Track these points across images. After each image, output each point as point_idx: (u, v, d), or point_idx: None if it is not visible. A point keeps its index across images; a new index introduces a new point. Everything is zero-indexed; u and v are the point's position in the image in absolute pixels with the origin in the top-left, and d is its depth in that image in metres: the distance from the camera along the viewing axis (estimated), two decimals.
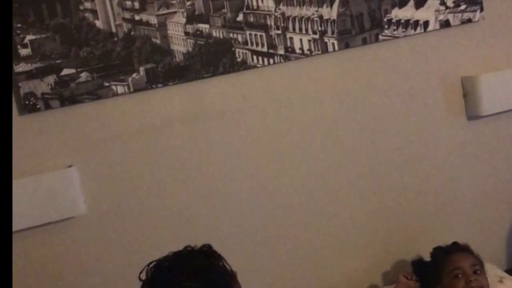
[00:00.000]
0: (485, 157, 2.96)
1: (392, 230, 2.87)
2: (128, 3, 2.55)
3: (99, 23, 2.52)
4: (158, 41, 2.56)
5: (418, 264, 2.71)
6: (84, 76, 2.51)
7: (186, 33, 2.59)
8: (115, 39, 2.53)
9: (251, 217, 2.70)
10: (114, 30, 2.53)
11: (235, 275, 1.94)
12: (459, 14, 2.88)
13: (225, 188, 2.66)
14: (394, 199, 2.86)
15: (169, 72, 2.56)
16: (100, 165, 2.54)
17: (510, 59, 2.94)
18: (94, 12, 2.51)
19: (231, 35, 2.62)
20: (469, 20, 2.88)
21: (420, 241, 2.84)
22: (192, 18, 2.59)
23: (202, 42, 2.60)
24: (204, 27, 2.60)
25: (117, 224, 2.58)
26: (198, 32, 2.60)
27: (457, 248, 2.64)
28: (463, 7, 2.87)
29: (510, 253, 3.00)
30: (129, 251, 2.58)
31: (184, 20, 2.59)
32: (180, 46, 2.58)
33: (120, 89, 2.53)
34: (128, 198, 2.57)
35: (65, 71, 2.50)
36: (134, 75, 2.54)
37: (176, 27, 2.58)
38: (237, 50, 2.63)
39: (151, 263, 1.91)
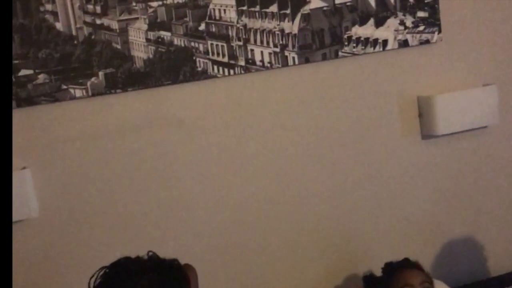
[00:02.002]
0: (439, 176, 3.00)
1: (344, 245, 2.88)
2: (90, 7, 2.54)
3: (59, 25, 2.50)
4: (118, 46, 2.55)
5: (369, 279, 2.73)
6: (42, 78, 2.49)
7: (148, 40, 2.59)
8: (75, 42, 2.52)
9: (207, 226, 2.69)
10: (74, 33, 2.51)
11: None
12: (418, 35, 2.93)
13: (181, 196, 2.65)
14: (347, 215, 2.88)
15: (128, 78, 2.55)
16: (55, 168, 2.51)
17: (466, 80, 3.00)
18: (54, 14, 2.49)
19: (192, 44, 2.63)
20: (427, 41, 2.94)
21: (371, 256, 2.87)
22: (154, 25, 2.59)
23: (163, 50, 2.60)
24: (165, 34, 2.60)
25: (70, 228, 2.54)
26: (160, 40, 2.59)
27: (408, 265, 2.66)
28: (421, 28, 2.92)
29: (459, 270, 3.05)
30: (81, 255, 2.55)
31: (146, 27, 2.58)
32: (140, 52, 2.57)
33: (78, 92, 2.51)
34: (82, 202, 2.54)
35: (23, 72, 2.47)
36: (93, 79, 2.52)
37: (138, 33, 2.58)
38: (198, 59, 2.63)
39: (101, 268, 1.89)
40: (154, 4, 2.59)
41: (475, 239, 3.09)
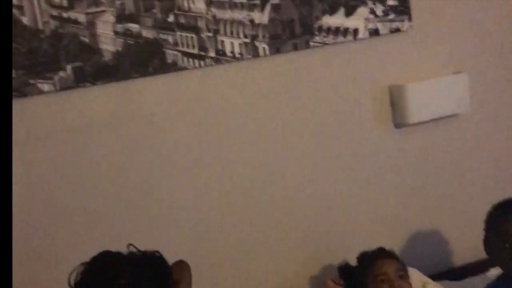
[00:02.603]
0: (411, 164, 3.01)
1: (320, 235, 2.88)
2: (56, 0, 2.49)
3: (25, 20, 2.45)
4: (86, 40, 2.51)
5: (344, 269, 2.73)
6: None
7: (116, 33, 2.55)
8: (42, 36, 2.47)
9: (181, 221, 2.67)
10: (41, 27, 2.46)
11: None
12: (388, 23, 2.93)
13: (152, 191, 2.62)
14: (321, 205, 2.87)
15: (97, 71, 2.51)
16: (22, 165, 2.46)
17: (437, 68, 3.00)
18: (20, 8, 2.44)
19: (161, 36, 2.59)
20: (398, 29, 2.94)
21: (346, 246, 2.86)
22: (122, 17, 2.55)
23: (131, 42, 2.56)
24: (134, 27, 2.57)
25: (38, 226, 2.50)
26: (128, 32, 2.56)
27: (383, 254, 2.67)
28: (392, 16, 2.92)
29: (433, 258, 3.06)
30: (52, 252, 2.51)
31: (113, 19, 2.54)
32: (109, 45, 2.53)
33: (46, 87, 2.46)
34: (50, 199, 2.50)
35: None
36: (61, 73, 2.48)
37: (105, 26, 2.54)
38: (167, 51, 2.60)
39: (81, 265, 1.87)
40: None
41: (445, 227, 3.11)
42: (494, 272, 2.75)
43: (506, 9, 3.14)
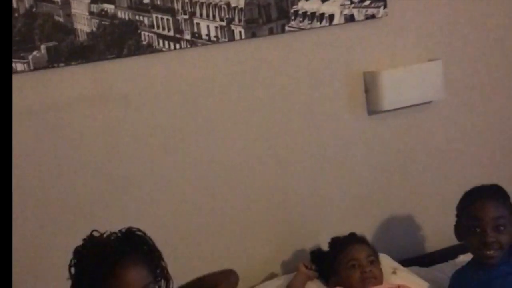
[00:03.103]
0: (383, 151, 3.03)
1: (292, 220, 2.89)
2: None
3: None
4: (61, 19, 2.48)
5: (316, 254, 2.75)
6: None
7: (91, 13, 2.52)
8: (16, 15, 2.44)
9: (154, 204, 2.66)
10: (15, 5, 2.43)
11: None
12: (364, 10, 2.93)
13: (126, 172, 2.61)
14: (295, 189, 2.88)
15: (72, 51, 2.49)
16: None
17: (411, 55, 3.02)
18: None
19: (137, 17, 2.57)
20: (373, 16, 2.94)
21: (319, 232, 2.88)
22: None
23: (107, 23, 2.54)
24: (109, 7, 2.54)
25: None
26: (103, 12, 2.53)
27: (354, 239, 2.69)
28: (367, 2, 2.93)
29: (403, 245, 3.09)
30: (29, 234, 2.49)
31: (88, 0, 2.52)
32: (84, 25, 2.51)
33: (19, 66, 2.43)
34: (24, 181, 2.48)
35: None
36: (35, 52, 2.45)
37: (80, 6, 2.51)
38: (142, 32, 2.58)
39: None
40: None
41: (417, 213, 3.13)
42: (463, 258, 2.80)
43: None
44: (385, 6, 2.95)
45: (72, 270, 1.97)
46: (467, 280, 2.53)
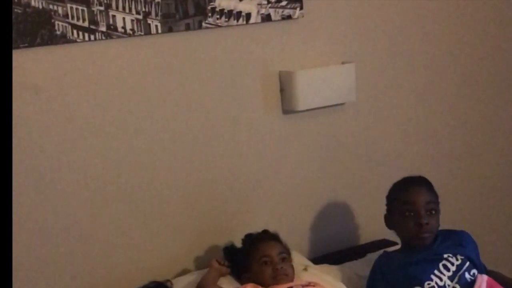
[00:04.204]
0: (298, 151, 3.06)
1: (205, 216, 2.88)
2: None
3: None
4: None
5: (229, 250, 2.75)
6: None
7: None
8: None
9: (70, 199, 2.62)
10: None
11: None
12: (280, 10, 2.96)
13: (39, 165, 2.55)
14: (208, 185, 2.88)
15: None
16: None
17: (326, 57, 3.07)
18: None
19: (50, 6, 2.52)
20: (289, 17, 2.97)
21: (232, 228, 2.88)
22: None
23: (19, 11, 2.47)
24: None
25: None
26: (16, 0, 2.47)
27: (267, 236, 2.71)
28: (284, 3, 2.95)
29: (314, 242, 3.13)
30: None
31: None
32: None
33: None
34: None
35: None
36: None
37: None
38: (56, 22, 2.53)
39: None
40: None
41: (331, 211, 3.18)
42: (371, 256, 2.87)
43: (396, 2, 3.24)
44: (301, 8, 2.99)
45: None
46: (395, 261, 2.67)
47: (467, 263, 2.63)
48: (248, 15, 2.88)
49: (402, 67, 3.30)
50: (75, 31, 2.56)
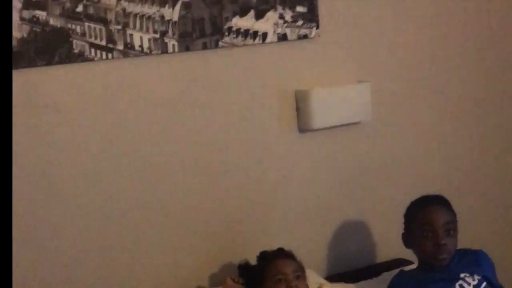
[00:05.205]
0: (314, 169, 3.07)
1: (221, 235, 2.89)
2: None
3: None
4: None
5: (244, 268, 2.75)
6: None
7: (22, 19, 2.49)
8: None
9: (78, 209, 2.63)
10: None
11: None
12: (296, 29, 2.98)
13: (52, 181, 2.57)
14: (225, 205, 2.89)
15: None
16: None
17: (341, 76, 3.08)
18: None
19: (69, 25, 2.56)
20: (306, 36, 2.99)
21: (248, 246, 2.88)
22: (29, 3, 2.49)
23: (38, 30, 2.51)
24: (41, 14, 2.52)
25: None
26: (35, 19, 2.51)
27: (281, 254, 2.70)
28: (300, 23, 2.97)
29: (329, 261, 3.13)
30: None
31: (20, 5, 2.49)
32: (14, 31, 2.47)
33: None
34: None
35: None
36: None
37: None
38: (74, 41, 2.56)
39: None
40: None
41: (344, 233, 3.17)
42: (386, 276, 2.86)
43: (412, 23, 3.25)
44: (317, 27, 3.00)
45: None
46: (411, 280, 2.67)
47: (484, 283, 2.61)
48: (265, 35, 2.91)
49: (417, 86, 3.30)
50: (92, 50, 2.60)
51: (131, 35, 2.66)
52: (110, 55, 2.62)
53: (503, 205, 3.65)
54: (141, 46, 2.67)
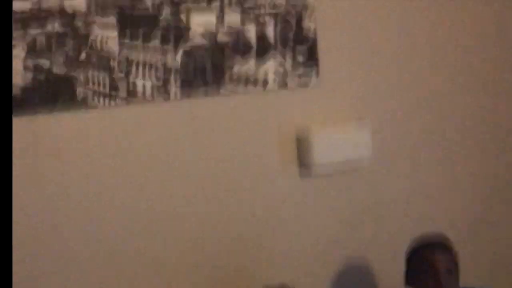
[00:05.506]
0: (314, 212, 3.06)
1: (224, 274, 2.87)
2: None
3: None
4: None
5: None
6: None
7: (25, 67, 2.51)
8: None
9: (80, 252, 2.62)
10: None
11: None
12: (297, 78, 3.00)
13: (56, 227, 2.56)
14: (227, 245, 2.88)
15: None
16: None
17: (342, 121, 3.09)
18: None
19: (72, 73, 2.57)
20: (306, 84, 3.01)
21: (251, 282, 2.87)
22: (32, 52, 2.51)
23: (41, 78, 2.52)
24: (44, 62, 2.53)
25: None
26: (38, 67, 2.52)
27: None
28: (301, 71, 3.00)
29: None
30: None
31: (23, 54, 2.51)
32: (17, 79, 2.48)
33: None
34: None
35: None
36: None
37: (15, 61, 2.48)
38: (77, 88, 2.58)
39: None
40: (33, 31, 2.52)
41: (353, 270, 3.15)
42: None
43: (410, 63, 3.28)
44: (317, 75, 3.03)
45: None
46: None
47: None
48: (265, 82, 2.93)
49: (419, 125, 3.31)
50: (95, 97, 2.61)
51: (134, 82, 2.67)
52: (113, 102, 2.63)
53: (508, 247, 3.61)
54: (143, 93, 2.69)
